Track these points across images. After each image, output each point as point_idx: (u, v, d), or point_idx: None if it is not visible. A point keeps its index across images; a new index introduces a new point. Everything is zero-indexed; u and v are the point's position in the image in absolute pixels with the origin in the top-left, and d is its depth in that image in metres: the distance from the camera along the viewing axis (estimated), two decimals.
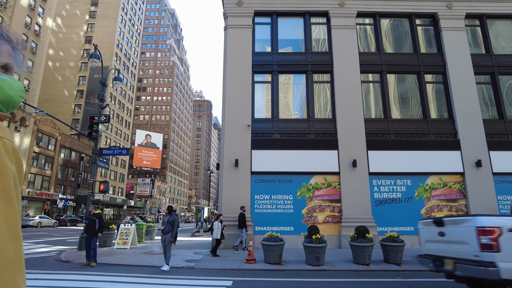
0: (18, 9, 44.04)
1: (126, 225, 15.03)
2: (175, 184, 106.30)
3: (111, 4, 70.05)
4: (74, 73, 64.52)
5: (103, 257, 11.05)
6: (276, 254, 10.01)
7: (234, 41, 15.93)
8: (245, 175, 14.48)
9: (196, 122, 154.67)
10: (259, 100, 15.72)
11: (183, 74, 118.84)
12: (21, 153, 42.95)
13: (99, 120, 13.96)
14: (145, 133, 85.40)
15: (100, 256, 11.11)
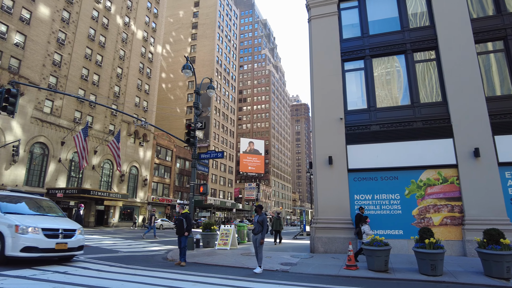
0: (135, 42, 51.41)
1: (226, 226, 15.47)
2: (279, 188, 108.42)
3: (209, 24, 76.17)
4: (183, 91, 72.04)
5: (202, 257, 11.43)
6: (381, 260, 8.70)
7: (319, 31, 15.03)
8: (341, 173, 13.32)
9: (294, 126, 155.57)
10: (352, 90, 14.38)
11: (279, 81, 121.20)
12: (145, 165, 49.78)
13: (195, 127, 14.75)
14: (248, 141, 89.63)
15: (200, 256, 11.53)
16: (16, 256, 7.36)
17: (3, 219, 7.72)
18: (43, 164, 35.45)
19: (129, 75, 49.14)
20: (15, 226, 7.46)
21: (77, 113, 40.14)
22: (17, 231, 7.39)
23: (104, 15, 45.27)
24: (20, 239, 7.36)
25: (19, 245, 7.33)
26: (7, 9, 32.66)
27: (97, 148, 41.75)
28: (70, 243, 8.22)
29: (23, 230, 7.47)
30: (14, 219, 7.71)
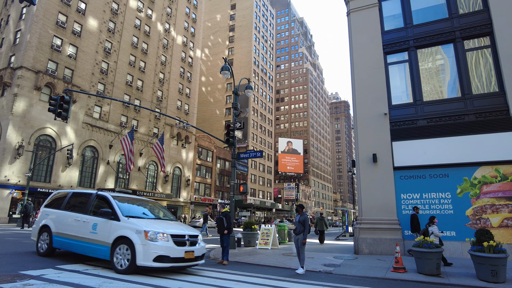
0: (175, 47, 53.17)
1: (266, 226, 15.42)
2: (319, 188, 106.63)
3: (245, 26, 76.85)
4: (222, 94, 73.33)
5: (244, 256, 11.46)
6: (432, 263, 8.13)
7: (359, 24, 14.47)
8: (386, 171, 12.70)
9: (334, 124, 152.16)
10: (396, 84, 13.67)
11: (317, 79, 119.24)
12: (187, 166, 51.31)
13: (235, 127, 14.87)
14: (286, 140, 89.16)
15: (242, 255, 11.57)
16: (149, 266, 6.53)
17: (128, 224, 6.99)
18: (93, 166, 37.84)
19: (170, 79, 50.97)
20: (144, 232, 6.66)
21: (123, 117, 42.36)
22: (147, 238, 6.60)
23: (146, 23, 47.37)
24: (152, 247, 6.55)
25: (151, 253, 6.53)
26: (62, 24, 35.29)
27: (142, 150, 43.76)
28: (196, 251, 7.34)
29: (153, 237, 6.66)
30: (141, 224, 6.96)
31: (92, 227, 7.46)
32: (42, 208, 9.21)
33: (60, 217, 8.40)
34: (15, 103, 30.58)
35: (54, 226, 8.31)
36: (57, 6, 35.06)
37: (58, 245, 8.16)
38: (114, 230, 7.03)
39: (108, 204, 7.70)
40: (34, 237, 8.89)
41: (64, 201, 8.73)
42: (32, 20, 32.71)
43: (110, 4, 41.69)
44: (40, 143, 32.72)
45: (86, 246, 7.46)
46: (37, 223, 8.95)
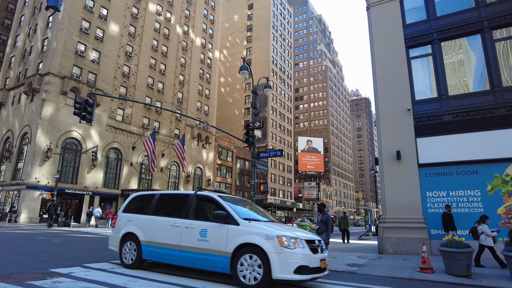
0: (194, 49, 53.81)
1: None
2: (340, 187, 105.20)
3: (263, 26, 76.79)
4: (241, 94, 73.62)
5: None
6: (461, 263, 7.81)
7: (380, 19, 14.12)
8: (411, 168, 12.34)
9: (355, 122, 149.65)
10: (419, 78, 13.24)
11: (336, 76, 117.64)
12: (208, 166, 51.83)
13: (254, 127, 14.85)
14: (306, 139, 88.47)
15: None
16: (288, 279, 5.44)
17: (251, 228, 5.91)
18: (117, 167, 38.87)
19: (190, 81, 51.64)
20: (277, 237, 5.56)
21: (145, 119, 43.28)
22: (282, 245, 5.50)
23: (165, 26, 48.18)
24: (290, 255, 5.47)
25: (290, 264, 5.43)
26: (85, 30, 36.45)
27: (164, 151, 44.56)
28: (326, 259, 6.24)
29: (289, 243, 5.56)
30: (266, 227, 5.91)
31: (200, 233, 6.24)
32: (120, 214, 7.95)
33: (150, 223, 7.18)
34: (43, 107, 31.84)
35: (142, 234, 7.12)
36: (80, 13, 36.23)
37: (150, 256, 6.96)
38: (233, 237, 5.86)
39: (217, 206, 6.54)
40: (114, 247, 7.66)
41: (151, 204, 7.51)
42: (58, 28, 33.95)
43: (130, 9, 42.68)
44: (67, 146, 33.93)
45: (191, 257, 6.27)
46: (116, 230, 7.75)
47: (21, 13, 42.72)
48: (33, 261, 7.66)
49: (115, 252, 7.88)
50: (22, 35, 40.61)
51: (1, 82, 41.33)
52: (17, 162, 33.43)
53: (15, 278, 5.67)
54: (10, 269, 6.43)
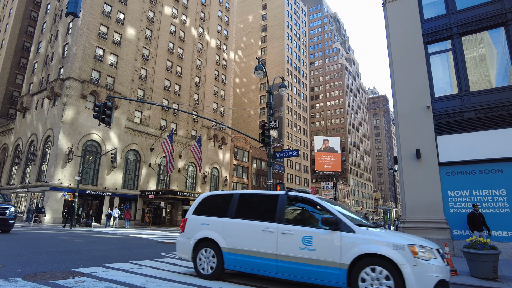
0: (210, 50, 54.24)
1: None
2: (358, 186, 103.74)
3: (277, 25, 76.62)
4: (256, 94, 73.70)
5: None
6: (487, 266, 7.53)
7: (396, 14, 13.83)
8: (431, 167, 12.01)
9: (372, 120, 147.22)
10: (438, 75, 12.88)
11: (353, 74, 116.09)
12: (224, 166, 52.11)
13: (270, 127, 14.82)
14: (322, 138, 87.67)
15: None
16: None
17: (370, 236, 5.12)
18: (136, 168, 39.61)
19: (206, 82, 52.09)
20: (408, 247, 4.79)
21: (163, 121, 43.94)
22: (415, 256, 4.72)
23: (181, 29, 48.77)
24: (427, 268, 4.68)
25: (428, 278, 4.63)
26: (103, 35, 37.34)
27: (181, 153, 45.11)
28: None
29: (423, 253, 4.79)
30: (391, 235, 5.20)
31: (303, 241, 5.44)
32: (190, 216, 7.04)
33: (233, 227, 6.33)
34: (64, 111, 32.82)
35: (223, 240, 6.29)
36: (98, 19, 37.15)
37: (234, 266, 6.11)
38: (350, 246, 5.08)
39: (322, 209, 5.74)
40: (185, 254, 6.78)
41: (231, 206, 6.62)
42: (77, 33, 34.93)
43: (146, 13, 43.44)
44: (87, 148, 34.84)
45: (293, 268, 5.45)
46: (187, 235, 6.87)
47: (43, 21, 44.19)
48: (57, 260, 7.89)
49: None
50: (44, 41, 41.99)
51: (25, 87, 42.87)
52: (41, 165, 34.58)
53: (40, 277, 5.86)
54: (35, 268, 6.65)
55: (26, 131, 38.79)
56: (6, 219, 14.14)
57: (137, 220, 38.07)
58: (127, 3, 40.83)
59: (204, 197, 7.22)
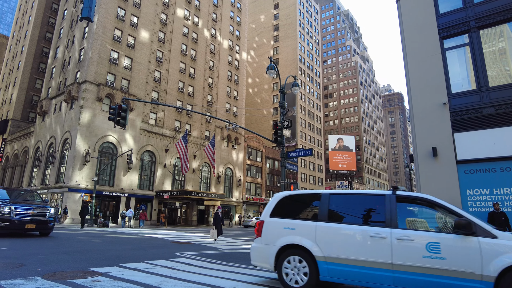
0: (222, 51, 54.50)
1: None
2: (374, 185, 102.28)
3: (290, 24, 76.31)
4: (269, 94, 73.63)
5: None
6: None
7: (410, 10, 13.54)
8: (449, 165, 11.71)
9: (387, 118, 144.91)
10: (455, 70, 12.55)
11: (367, 71, 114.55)
12: (238, 166, 52.27)
13: (282, 126, 14.76)
14: (336, 137, 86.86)
15: None
16: None
17: None
18: (151, 169, 40.17)
19: (219, 83, 52.38)
20: None
21: (177, 122, 44.42)
22: None
23: (193, 30, 49.18)
24: None
25: None
26: (117, 39, 38.03)
27: (195, 153, 45.50)
28: None
29: None
30: None
31: (428, 248, 4.74)
32: (268, 219, 6.19)
33: (330, 232, 5.51)
34: (81, 114, 33.59)
35: (317, 247, 5.46)
36: (113, 22, 37.86)
37: (334, 277, 5.33)
38: (493, 254, 4.39)
39: (445, 210, 5.04)
40: (265, 262, 5.96)
41: (321, 207, 5.81)
42: (92, 38, 35.69)
43: (159, 15, 44.00)
44: (104, 150, 35.55)
45: (416, 280, 4.72)
46: (266, 241, 6.03)
47: (60, 26, 45.35)
48: (75, 260, 8.06)
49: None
50: (62, 46, 43.08)
51: (44, 91, 44.10)
52: (60, 166, 35.49)
53: (58, 276, 6.00)
54: (54, 267, 6.81)
55: (45, 134, 39.89)
56: (47, 221, 12.92)
57: (152, 220, 38.61)
58: (140, 6, 41.46)
59: (282, 197, 6.36)
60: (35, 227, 12.44)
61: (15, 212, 11.78)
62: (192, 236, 20.30)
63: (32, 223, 12.21)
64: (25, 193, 15.42)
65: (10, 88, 51.93)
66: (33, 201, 14.03)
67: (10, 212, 11.66)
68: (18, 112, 48.83)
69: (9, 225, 11.56)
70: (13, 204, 11.99)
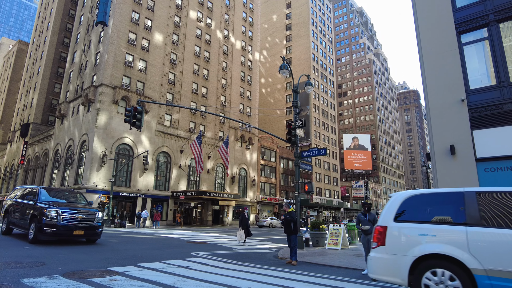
0: (235, 52, 54.66)
1: (335, 226, 14.96)
2: (390, 185, 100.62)
3: (302, 23, 75.89)
4: (282, 93, 73.43)
5: (313, 256, 11.23)
6: None
7: (426, 5, 13.25)
8: (468, 163, 11.39)
9: (403, 116, 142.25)
10: (473, 66, 12.19)
11: (381, 69, 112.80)
12: (252, 167, 52.31)
13: (296, 126, 14.71)
14: (351, 136, 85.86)
15: (311, 256, 11.35)
16: None
17: None
18: (167, 170, 40.67)
19: (232, 84, 52.58)
20: None
21: (191, 123, 44.83)
22: None
23: (206, 32, 49.54)
24: None
25: None
26: (132, 42, 38.68)
27: (210, 154, 45.81)
28: None
29: None
30: None
31: None
32: (392, 224, 5.27)
33: (491, 240, 4.52)
34: (98, 117, 34.31)
35: (473, 258, 4.48)
36: (127, 26, 38.53)
37: None
38: None
39: None
40: (394, 276, 5.02)
41: (468, 209, 4.83)
42: (108, 41, 36.41)
43: (172, 18, 44.51)
44: (120, 151, 36.21)
45: None
46: (392, 251, 5.12)
47: (77, 32, 46.46)
48: (93, 259, 8.25)
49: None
50: (79, 51, 44.13)
51: (62, 95, 45.27)
52: (78, 168, 36.35)
53: (78, 275, 6.15)
54: (74, 267, 6.98)
55: (64, 137, 40.94)
56: (95, 227, 11.29)
57: (168, 220, 39.07)
58: (154, 9, 42.04)
59: (406, 198, 5.42)
60: (83, 234, 11.00)
61: (62, 216, 10.37)
62: (207, 236, 20.45)
63: (80, 228, 10.76)
64: (68, 193, 13.62)
65: (31, 93, 53.54)
66: (78, 203, 12.51)
67: (57, 217, 10.29)
68: (38, 116, 50.29)
69: (56, 232, 10.25)
70: (59, 207, 10.63)
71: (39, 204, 10.87)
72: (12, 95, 68.68)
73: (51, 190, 13.23)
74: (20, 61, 69.87)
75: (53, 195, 12.34)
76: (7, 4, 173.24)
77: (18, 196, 13.01)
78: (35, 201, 11.17)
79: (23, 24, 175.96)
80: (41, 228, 10.14)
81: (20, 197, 12.81)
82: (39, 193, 11.63)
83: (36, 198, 11.36)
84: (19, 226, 11.89)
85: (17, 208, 12.36)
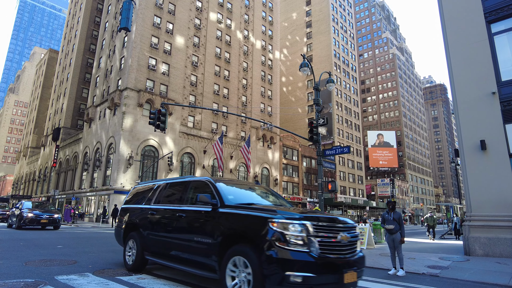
0: (255, 52, 54.76)
1: (360, 225, 14.70)
2: (417, 182, 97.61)
3: (323, 20, 74.96)
4: (303, 91, 72.85)
5: None
6: None
7: None
8: (500, 159, 10.88)
9: (430, 111, 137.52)
10: (505, 56, 11.61)
11: (406, 63, 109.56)
12: (274, 166, 52.22)
13: (318, 124, 14.54)
14: (376, 133, 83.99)
15: None
16: None
17: None
18: (191, 170, 41.35)
19: (253, 84, 52.72)
20: None
21: (214, 124, 45.35)
22: None
23: (226, 33, 49.92)
24: None
25: None
26: (154, 46, 39.59)
27: (232, 154, 46.17)
28: None
29: None
30: None
31: None
32: None
33: None
34: (123, 120, 35.36)
35: None
36: (150, 31, 39.46)
37: None
38: None
39: None
40: None
41: None
42: (131, 46, 37.45)
43: (193, 21, 45.17)
44: (145, 153, 37.15)
45: None
46: None
47: (102, 38, 48.09)
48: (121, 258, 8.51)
49: None
50: (104, 56, 45.66)
51: (90, 100, 47.01)
52: (106, 170, 37.63)
53: (107, 273, 6.37)
54: (103, 265, 7.25)
55: (92, 140, 42.50)
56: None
57: None
58: (175, 13, 42.83)
59: None
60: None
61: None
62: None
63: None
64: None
65: (61, 98, 55.94)
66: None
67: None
68: (68, 120, 52.46)
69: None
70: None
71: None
72: (45, 101, 72.04)
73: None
74: (51, 69, 73.19)
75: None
76: (38, 15, 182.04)
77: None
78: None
79: (53, 34, 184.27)
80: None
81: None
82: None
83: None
84: None
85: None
